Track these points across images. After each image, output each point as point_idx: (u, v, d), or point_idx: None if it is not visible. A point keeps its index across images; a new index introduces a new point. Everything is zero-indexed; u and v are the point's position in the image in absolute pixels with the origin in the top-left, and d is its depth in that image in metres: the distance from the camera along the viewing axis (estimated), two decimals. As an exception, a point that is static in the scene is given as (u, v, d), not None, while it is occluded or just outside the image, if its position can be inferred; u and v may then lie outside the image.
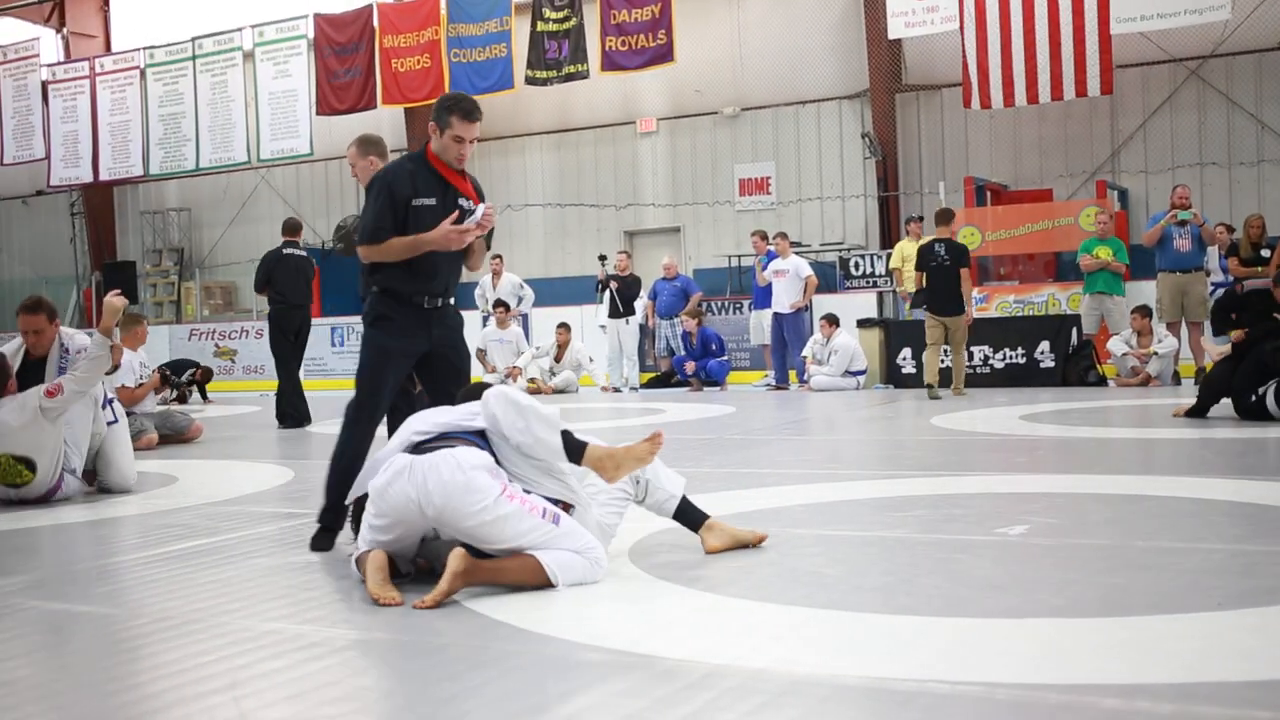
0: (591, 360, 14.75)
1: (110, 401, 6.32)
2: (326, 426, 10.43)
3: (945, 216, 11.65)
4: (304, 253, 11.07)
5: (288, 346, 10.83)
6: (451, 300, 4.58)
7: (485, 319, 15.11)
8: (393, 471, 3.44)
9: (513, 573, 3.36)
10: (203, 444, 9.06)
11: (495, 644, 2.88)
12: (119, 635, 3.18)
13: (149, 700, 2.58)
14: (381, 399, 4.46)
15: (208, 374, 15.57)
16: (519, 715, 2.38)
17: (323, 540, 4.29)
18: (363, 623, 3.18)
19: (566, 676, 2.63)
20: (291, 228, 11.32)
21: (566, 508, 3.56)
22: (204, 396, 15.21)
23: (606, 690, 2.51)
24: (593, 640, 2.89)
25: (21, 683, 2.73)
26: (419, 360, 4.52)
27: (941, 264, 11.16)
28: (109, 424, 6.21)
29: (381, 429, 4.51)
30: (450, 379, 4.47)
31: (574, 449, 3.56)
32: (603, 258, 15.33)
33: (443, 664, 2.75)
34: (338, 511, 4.31)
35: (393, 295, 4.44)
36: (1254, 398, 7.66)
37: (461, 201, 4.41)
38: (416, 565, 3.60)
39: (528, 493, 3.48)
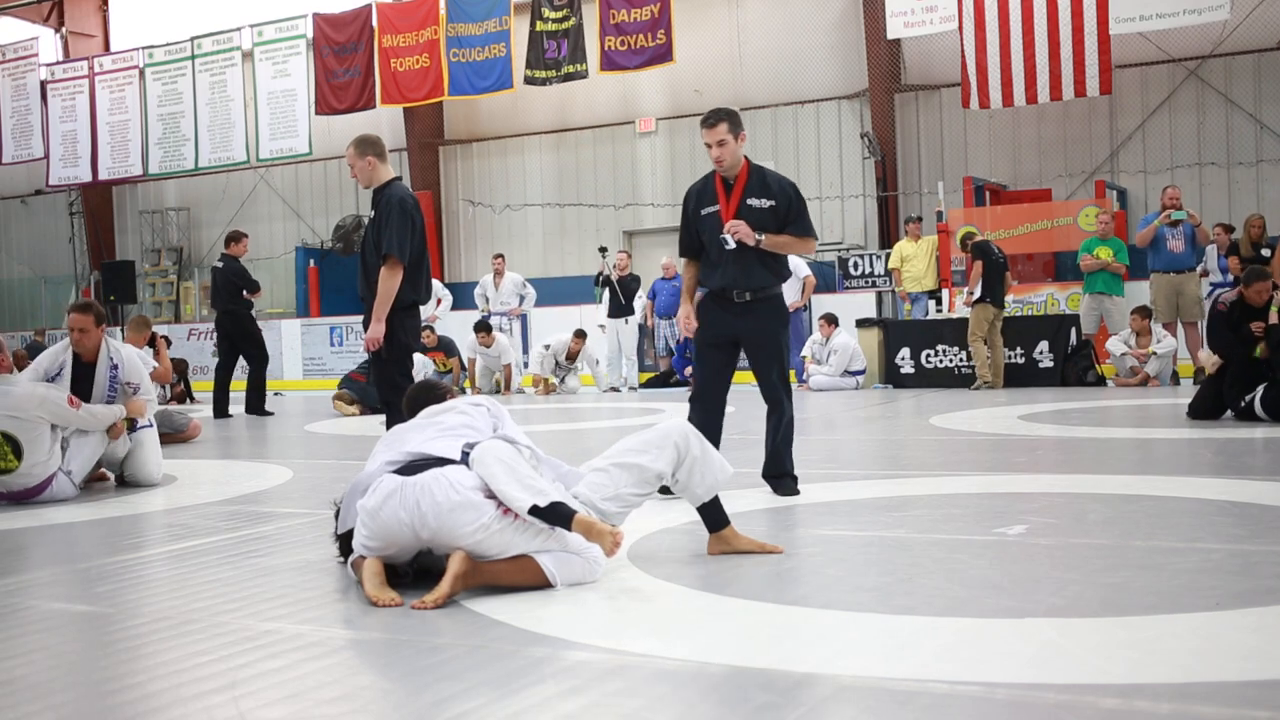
0: (598, 363, 14.72)
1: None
2: (327, 426, 10.45)
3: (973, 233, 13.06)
4: (221, 264, 12.07)
5: (223, 349, 12.16)
6: (767, 293, 5.17)
7: (486, 317, 15.09)
8: (383, 493, 3.38)
9: (512, 574, 3.35)
10: (201, 443, 9.06)
11: (494, 644, 2.88)
12: (117, 635, 3.17)
13: (147, 700, 2.57)
14: (706, 384, 5.24)
15: (183, 364, 15.64)
16: (518, 715, 2.38)
17: None
18: (361, 622, 3.18)
19: (565, 676, 2.63)
20: (225, 239, 12.35)
21: None
22: (190, 396, 15.14)
23: (605, 690, 2.51)
24: (591, 640, 2.88)
25: (20, 682, 2.72)
26: (745, 344, 5.21)
27: (996, 260, 12.16)
28: (140, 428, 6.44)
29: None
30: (758, 363, 5.19)
31: (561, 518, 3.32)
32: (603, 250, 15.27)
33: (441, 664, 2.75)
34: None
35: (708, 292, 5.23)
36: (1243, 404, 7.82)
37: (721, 236, 5.11)
38: (413, 568, 3.58)
39: None
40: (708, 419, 5.15)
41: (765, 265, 5.14)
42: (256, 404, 11.87)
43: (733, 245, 5.09)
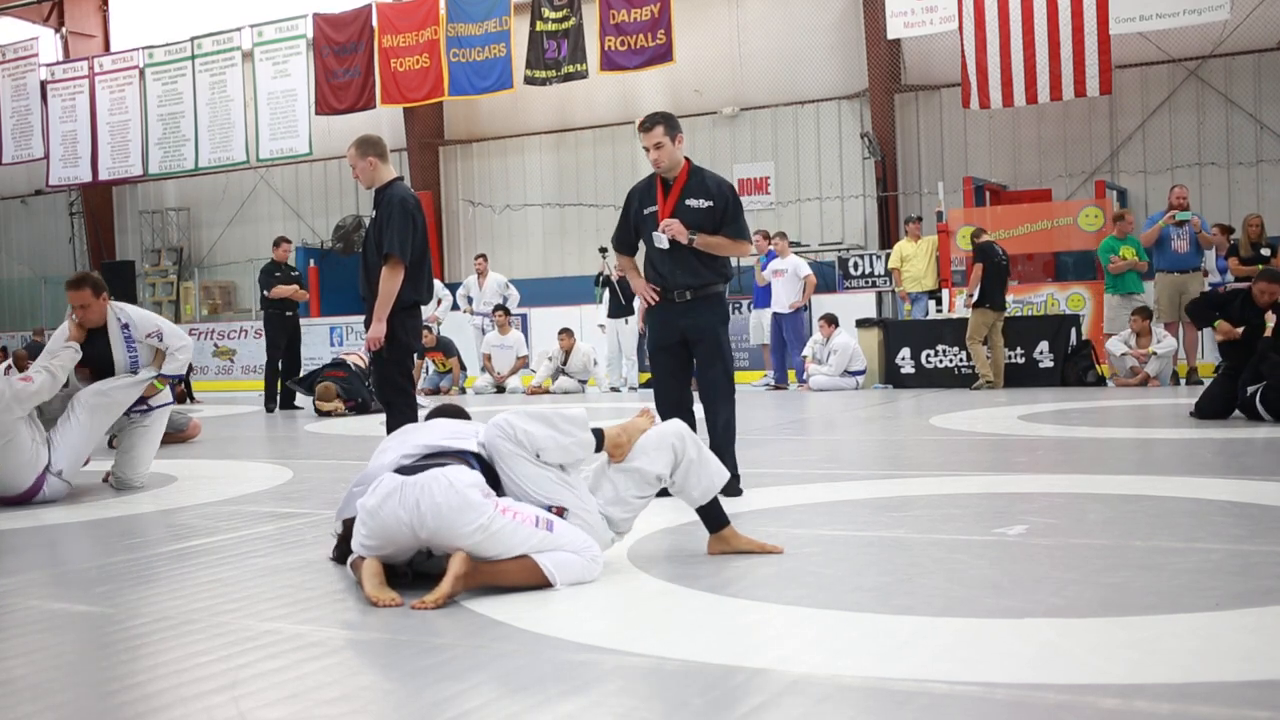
0: (596, 364, 14.71)
1: (147, 406, 6.34)
2: (327, 426, 10.43)
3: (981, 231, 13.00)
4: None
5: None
6: (707, 292, 5.18)
7: (483, 316, 15.07)
8: (383, 493, 3.40)
9: (512, 574, 3.36)
10: (201, 443, 9.05)
11: (493, 644, 2.88)
12: (117, 635, 3.17)
13: (147, 700, 2.57)
14: (660, 388, 5.26)
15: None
16: (517, 715, 2.38)
17: None
18: (361, 622, 3.18)
19: (564, 676, 2.63)
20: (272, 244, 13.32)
21: (560, 513, 3.53)
22: (190, 395, 15.10)
23: (604, 689, 2.51)
24: (591, 640, 2.89)
25: (20, 682, 2.72)
26: (689, 342, 5.22)
27: (999, 263, 12.13)
28: (157, 407, 6.35)
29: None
30: (700, 359, 5.21)
31: (597, 437, 3.66)
32: (603, 250, 15.23)
33: (441, 664, 2.75)
34: None
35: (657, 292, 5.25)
36: (1248, 394, 7.85)
37: (655, 235, 5.18)
38: (412, 570, 3.58)
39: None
40: (670, 414, 5.10)
41: (703, 264, 5.20)
42: (270, 400, 12.68)
43: (666, 244, 5.14)
